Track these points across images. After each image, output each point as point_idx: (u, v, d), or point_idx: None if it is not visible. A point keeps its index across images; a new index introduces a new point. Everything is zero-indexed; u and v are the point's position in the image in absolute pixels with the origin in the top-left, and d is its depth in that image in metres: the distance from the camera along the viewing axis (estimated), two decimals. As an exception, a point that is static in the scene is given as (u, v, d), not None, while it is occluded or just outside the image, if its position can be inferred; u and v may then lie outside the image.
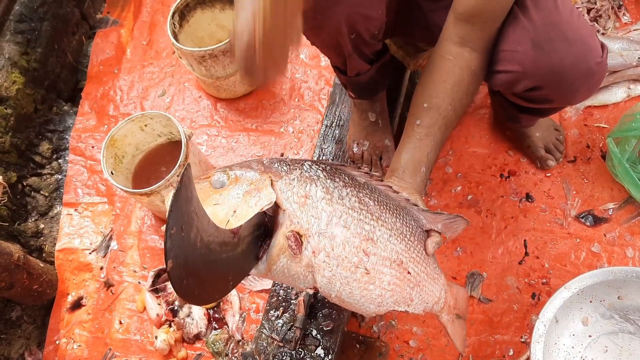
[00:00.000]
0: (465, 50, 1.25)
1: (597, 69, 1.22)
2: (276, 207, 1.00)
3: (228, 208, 0.98)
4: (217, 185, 1.02)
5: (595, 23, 1.95)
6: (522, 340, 1.54)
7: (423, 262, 1.14)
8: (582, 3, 1.99)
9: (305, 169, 1.04)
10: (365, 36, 1.30)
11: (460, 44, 1.24)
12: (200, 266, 0.87)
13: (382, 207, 1.08)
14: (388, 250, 1.07)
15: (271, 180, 1.01)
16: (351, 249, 1.03)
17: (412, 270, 1.11)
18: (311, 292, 1.08)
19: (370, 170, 1.68)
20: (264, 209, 0.97)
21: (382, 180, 1.12)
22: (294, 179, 1.02)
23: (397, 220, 1.09)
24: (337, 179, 1.06)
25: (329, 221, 1.02)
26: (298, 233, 1.00)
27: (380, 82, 1.56)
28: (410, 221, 1.12)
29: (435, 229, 1.15)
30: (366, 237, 1.04)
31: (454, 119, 1.27)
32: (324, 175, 1.05)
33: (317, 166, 1.07)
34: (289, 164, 1.05)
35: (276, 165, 1.05)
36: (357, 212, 1.04)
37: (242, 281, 1.71)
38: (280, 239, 1.00)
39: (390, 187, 1.12)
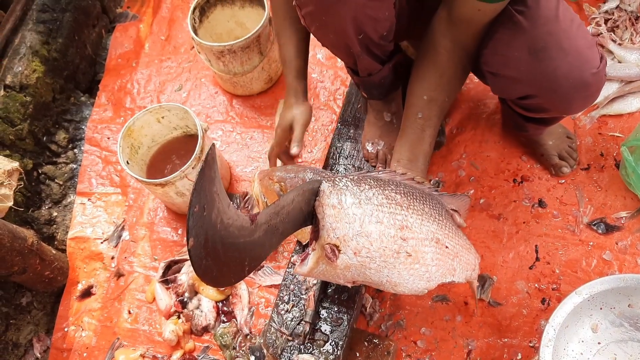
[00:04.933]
0: (457, 47, 1.32)
1: (592, 80, 1.23)
2: (317, 219, 1.17)
3: None
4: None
5: (612, 33, 1.96)
6: (531, 344, 1.54)
7: (456, 236, 1.28)
8: (599, 14, 2.00)
9: (336, 183, 1.19)
10: (374, 37, 1.32)
11: (453, 40, 1.31)
12: (219, 247, 0.89)
13: (409, 198, 1.21)
14: (424, 232, 1.20)
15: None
16: (389, 238, 1.16)
17: (449, 244, 1.25)
18: (350, 285, 1.23)
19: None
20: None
21: (405, 174, 1.26)
22: (329, 194, 1.17)
23: (425, 205, 1.23)
24: (363, 184, 1.19)
25: (362, 221, 1.15)
26: (335, 245, 1.15)
27: (393, 82, 1.57)
28: (436, 204, 1.26)
29: (452, 208, 1.32)
30: (400, 225, 1.17)
31: (448, 108, 1.41)
32: (352, 184, 1.19)
33: (345, 179, 1.21)
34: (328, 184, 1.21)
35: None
36: (387, 207, 1.17)
37: (252, 275, 1.74)
38: (318, 250, 1.17)
39: (413, 178, 1.24)
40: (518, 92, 1.33)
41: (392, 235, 1.16)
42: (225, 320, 1.71)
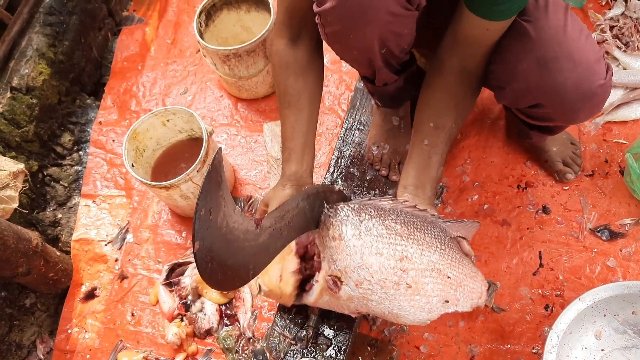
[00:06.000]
0: (465, 69, 1.31)
1: (599, 91, 1.23)
2: (319, 250, 1.19)
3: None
4: None
5: (617, 40, 1.96)
6: (534, 351, 1.53)
7: (459, 265, 1.24)
8: (604, 20, 2.00)
9: (337, 212, 1.21)
10: (396, 51, 1.32)
11: (460, 62, 1.30)
12: (225, 251, 0.89)
13: (409, 227, 1.20)
14: (424, 262, 1.18)
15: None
16: (389, 270, 1.16)
17: (451, 274, 1.22)
18: (354, 315, 1.26)
19: (388, 174, 1.69)
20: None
21: (406, 202, 1.25)
22: (329, 225, 1.20)
23: (426, 235, 1.21)
24: (363, 214, 1.20)
25: (362, 253, 1.16)
26: (336, 276, 1.18)
27: (407, 92, 1.57)
28: (439, 232, 1.23)
29: (459, 235, 1.27)
30: (400, 256, 1.16)
31: (457, 133, 1.37)
32: (352, 214, 1.20)
33: (346, 208, 1.22)
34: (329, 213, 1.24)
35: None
36: (386, 237, 1.17)
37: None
38: (321, 281, 1.20)
39: (415, 206, 1.23)
40: (525, 102, 1.33)
41: (392, 267, 1.16)
42: (228, 323, 1.71)
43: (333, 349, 1.45)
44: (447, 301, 1.22)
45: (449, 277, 1.22)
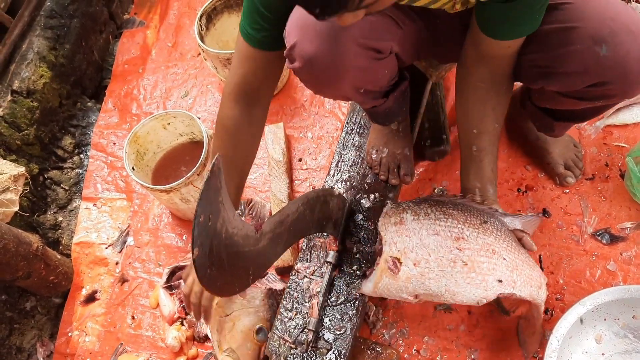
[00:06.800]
0: (495, 75, 1.31)
1: None
2: (381, 236, 1.29)
3: None
4: None
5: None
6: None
7: (515, 250, 1.31)
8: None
9: (400, 203, 1.35)
10: (375, 89, 1.35)
11: (489, 71, 1.31)
12: (224, 257, 0.89)
13: (466, 213, 1.30)
14: (479, 243, 1.27)
15: None
16: (445, 249, 1.26)
17: (506, 256, 1.28)
18: (413, 301, 1.31)
19: (388, 179, 1.69)
20: None
21: (463, 197, 1.35)
22: (391, 213, 1.32)
23: (482, 221, 1.30)
24: (423, 204, 1.33)
25: (421, 234, 1.27)
26: (396, 257, 1.26)
27: (399, 109, 1.57)
28: (495, 221, 1.31)
29: (520, 229, 1.34)
30: (456, 237, 1.26)
31: (500, 128, 1.39)
32: (412, 204, 1.33)
33: (408, 202, 1.35)
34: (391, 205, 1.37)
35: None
36: (444, 220, 1.28)
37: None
38: (382, 264, 1.28)
39: (470, 198, 1.33)
40: (582, 83, 1.26)
41: (448, 246, 1.25)
42: (229, 327, 1.71)
43: (333, 352, 1.45)
44: (501, 281, 1.27)
45: (504, 259, 1.28)
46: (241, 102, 1.33)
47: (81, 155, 2.12)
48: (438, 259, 1.26)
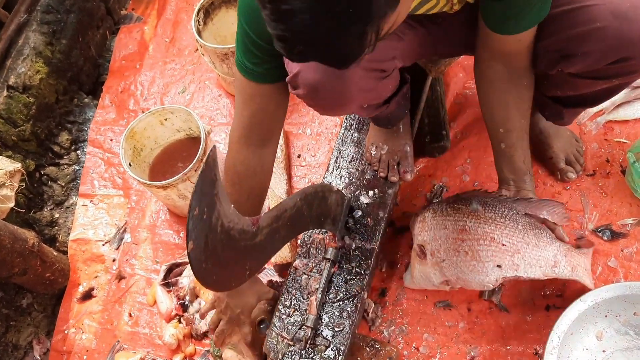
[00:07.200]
0: (513, 70, 1.30)
1: None
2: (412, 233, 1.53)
3: None
4: None
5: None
6: (535, 352, 1.52)
7: (519, 235, 1.40)
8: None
9: (429, 205, 1.54)
10: (379, 102, 1.36)
11: (506, 67, 1.29)
12: (220, 251, 0.88)
13: (472, 206, 1.44)
14: (479, 233, 1.40)
15: None
16: (451, 241, 1.42)
17: (506, 242, 1.39)
18: (447, 288, 1.48)
19: (387, 175, 1.68)
20: None
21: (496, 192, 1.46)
22: (419, 213, 1.53)
23: (487, 211, 1.42)
24: (443, 202, 1.51)
25: (436, 228, 1.46)
26: (422, 245, 1.48)
27: (401, 112, 1.57)
28: (502, 208, 1.42)
29: (551, 220, 1.43)
30: (460, 229, 1.42)
31: (528, 119, 1.39)
32: (437, 203, 1.51)
33: (440, 201, 1.57)
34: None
35: None
36: (452, 216, 1.45)
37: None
38: (413, 252, 1.52)
39: (505, 188, 1.43)
40: (605, 61, 1.22)
41: (453, 237, 1.42)
42: (226, 324, 1.69)
43: (331, 349, 1.44)
44: (500, 266, 1.37)
45: (504, 245, 1.38)
46: (252, 145, 1.30)
47: (78, 151, 2.11)
48: (447, 250, 1.42)
